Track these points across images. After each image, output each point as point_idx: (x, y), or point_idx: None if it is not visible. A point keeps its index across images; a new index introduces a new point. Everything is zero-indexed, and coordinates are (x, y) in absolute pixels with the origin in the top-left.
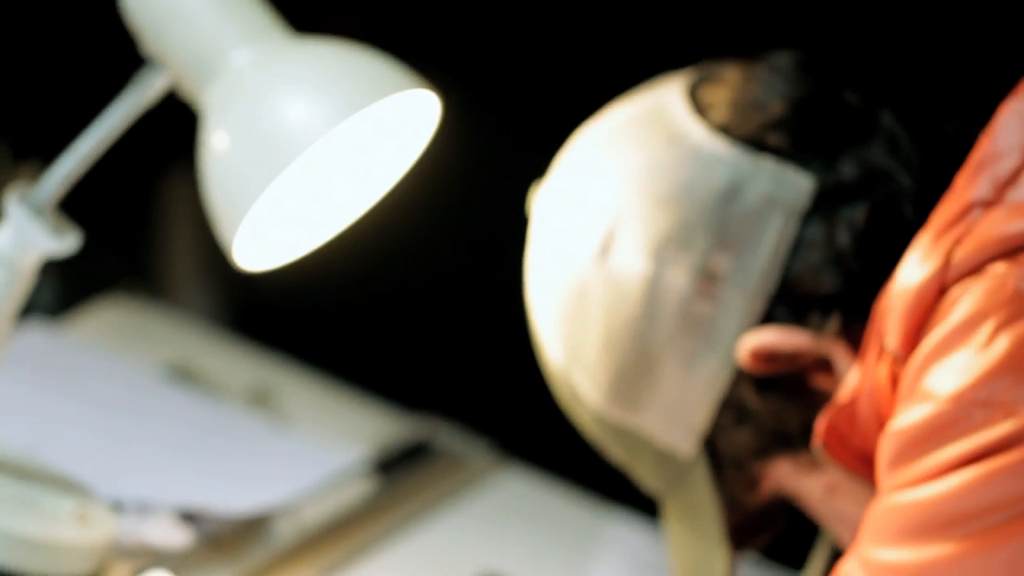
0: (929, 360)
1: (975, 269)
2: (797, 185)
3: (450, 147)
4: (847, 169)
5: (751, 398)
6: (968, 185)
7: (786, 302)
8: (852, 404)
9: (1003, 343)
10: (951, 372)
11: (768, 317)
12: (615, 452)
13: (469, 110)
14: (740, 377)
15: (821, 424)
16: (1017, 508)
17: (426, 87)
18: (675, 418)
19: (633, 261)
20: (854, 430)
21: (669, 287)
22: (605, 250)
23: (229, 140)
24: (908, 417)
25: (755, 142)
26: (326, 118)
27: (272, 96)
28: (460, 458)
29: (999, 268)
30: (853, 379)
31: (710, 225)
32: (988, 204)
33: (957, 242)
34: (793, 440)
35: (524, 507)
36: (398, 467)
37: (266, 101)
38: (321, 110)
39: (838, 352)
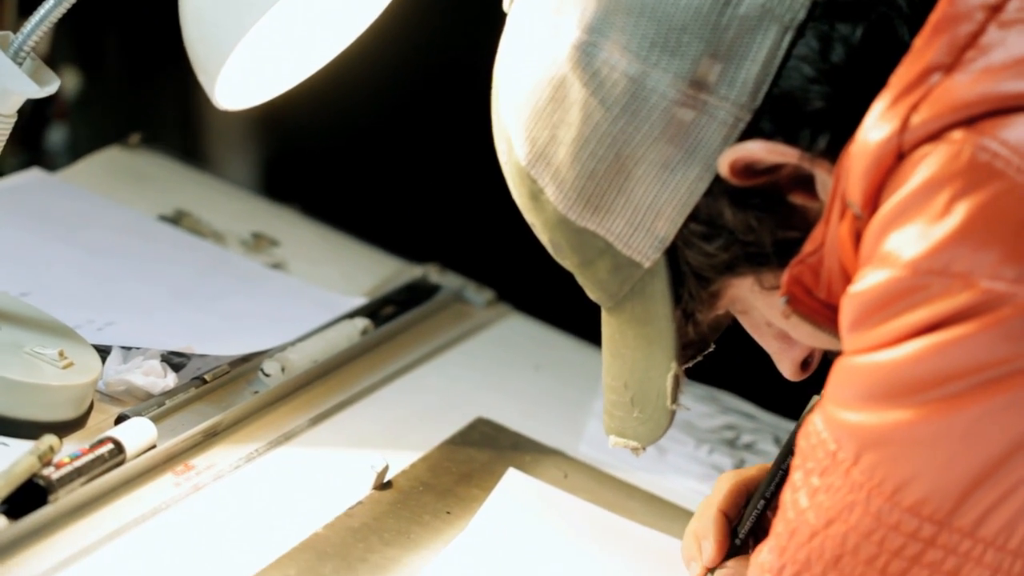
0: (888, 224)
1: (933, 135)
2: None
3: None
4: None
5: (727, 211)
6: (926, 48)
7: (774, 116)
8: (816, 256)
9: (960, 212)
10: (909, 238)
11: (754, 130)
12: (569, 257)
13: None
14: (716, 189)
15: (786, 276)
16: (972, 379)
17: None
18: (641, 226)
19: (619, 61)
20: (819, 281)
21: (654, 89)
22: (590, 47)
23: None
24: (867, 281)
25: None
26: None
27: None
28: (458, 304)
29: (956, 135)
30: (817, 232)
31: (702, 32)
32: (946, 68)
33: (914, 107)
34: (764, 258)
35: (519, 354)
36: (395, 313)
37: None
38: None
39: (821, 169)
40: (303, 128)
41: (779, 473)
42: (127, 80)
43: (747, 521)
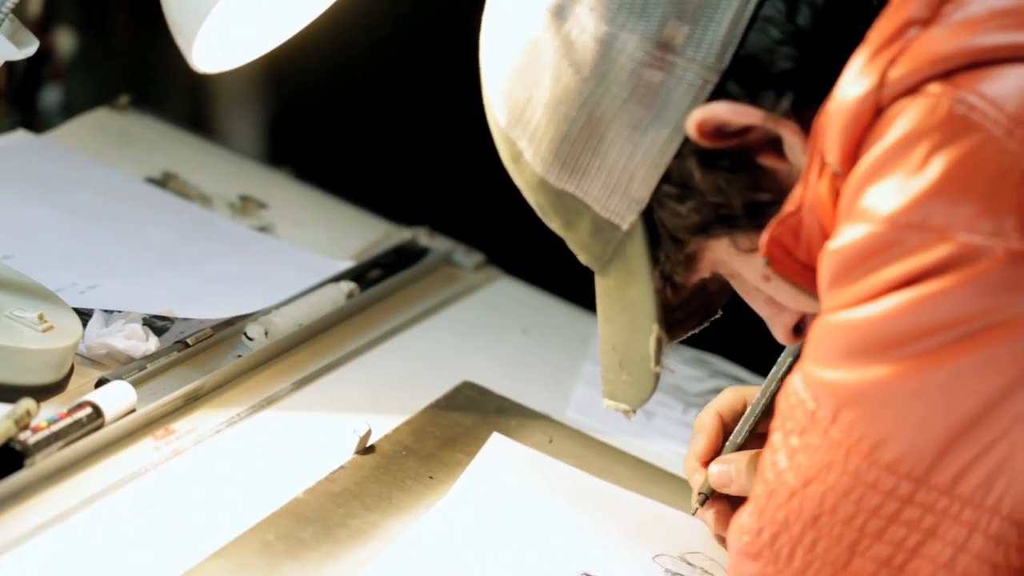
0: (866, 179)
1: (911, 89)
2: None
3: None
4: None
5: (696, 173)
6: (904, 2)
7: (740, 78)
8: (796, 217)
9: (937, 166)
10: (887, 193)
11: (721, 92)
12: (553, 219)
13: None
14: (686, 151)
15: (765, 237)
16: (950, 334)
17: None
18: (616, 188)
19: (588, 23)
20: (799, 242)
21: (622, 51)
22: (561, 10)
23: None
24: (845, 237)
25: None
26: None
27: None
28: (447, 267)
29: (934, 89)
30: (797, 192)
31: None
32: (925, 22)
33: (892, 62)
34: (736, 219)
35: (508, 317)
36: (382, 276)
37: None
38: None
39: (788, 130)
40: (307, 89)
41: (776, 382)
42: (128, 41)
43: (745, 424)
